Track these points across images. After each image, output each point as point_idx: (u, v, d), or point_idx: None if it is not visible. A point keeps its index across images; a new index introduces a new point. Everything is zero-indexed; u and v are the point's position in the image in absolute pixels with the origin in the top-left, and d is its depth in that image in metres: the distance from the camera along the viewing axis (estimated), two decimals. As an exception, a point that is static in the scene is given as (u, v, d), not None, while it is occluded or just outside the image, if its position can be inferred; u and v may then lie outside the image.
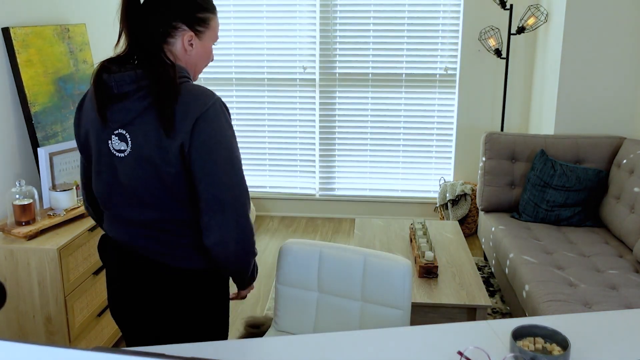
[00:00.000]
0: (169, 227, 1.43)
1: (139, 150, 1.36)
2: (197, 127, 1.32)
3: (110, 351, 0.65)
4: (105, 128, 1.39)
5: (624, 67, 3.58)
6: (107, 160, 1.42)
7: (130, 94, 1.34)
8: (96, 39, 3.32)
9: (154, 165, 1.36)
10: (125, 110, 1.35)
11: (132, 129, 1.36)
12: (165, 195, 1.39)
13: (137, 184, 1.39)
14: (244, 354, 1.36)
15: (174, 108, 1.32)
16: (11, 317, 2.28)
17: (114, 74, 1.34)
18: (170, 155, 1.34)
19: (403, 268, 1.75)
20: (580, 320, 1.54)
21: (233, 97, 4.64)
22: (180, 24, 1.40)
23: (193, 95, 1.35)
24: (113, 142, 1.39)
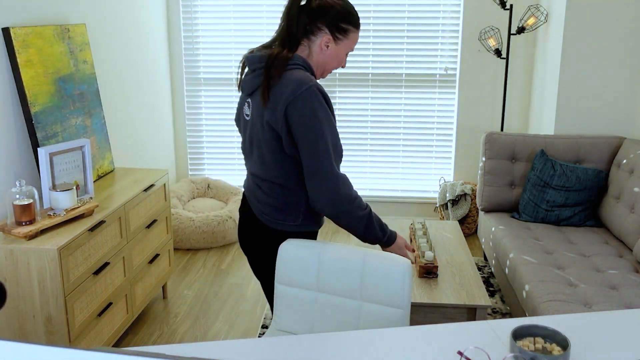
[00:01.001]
0: (262, 184, 1.75)
1: (253, 117, 1.71)
2: (291, 107, 1.61)
3: (110, 351, 0.65)
4: (242, 96, 1.79)
5: (624, 67, 3.58)
6: (243, 122, 1.79)
7: (256, 71, 1.70)
8: (96, 39, 3.32)
9: (257, 130, 1.69)
10: (249, 83, 1.72)
11: (253, 98, 1.72)
12: (262, 156, 1.71)
13: (252, 142, 1.74)
14: (244, 354, 1.36)
15: (273, 86, 1.63)
16: (11, 317, 2.28)
17: (247, 58, 1.74)
18: (264, 124, 1.65)
19: (402, 267, 1.75)
20: (580, 320, 1.54)
21: (233, 97, 4.64)
22: (323, 27, 1.71)
23: (292, 79, 1.62)
24: (245, 108, 1.77)
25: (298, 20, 1.69)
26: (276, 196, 1.74)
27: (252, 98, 1.72)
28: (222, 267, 3.80)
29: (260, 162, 1.73)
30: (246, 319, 3.15)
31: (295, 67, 1.68)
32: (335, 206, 1.69)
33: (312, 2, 1.70)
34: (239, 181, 4.79)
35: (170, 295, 3.42)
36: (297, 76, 1.63)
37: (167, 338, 2.96)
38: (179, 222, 3.99)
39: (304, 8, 1.70)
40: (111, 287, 2.62)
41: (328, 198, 1.68)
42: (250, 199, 1.83)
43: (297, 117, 1.61)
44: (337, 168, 1.68)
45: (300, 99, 1.60)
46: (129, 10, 3.76)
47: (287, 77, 1.63)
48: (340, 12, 1.70)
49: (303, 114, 1.61)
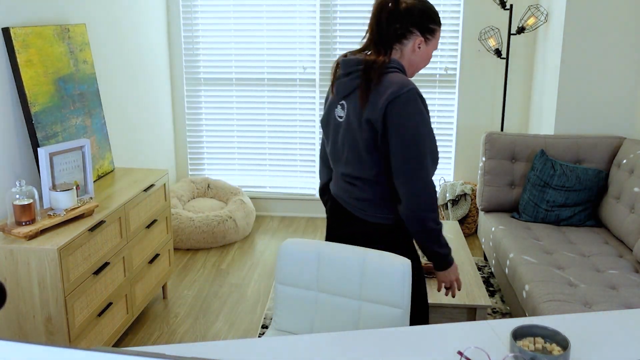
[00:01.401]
0: (357, 182, 1.83)
1: (348, 118, 1.78)
2: (390, 106, 1.67)
3: (110, 351, 0.65)
4: (334, 99, 1.84)
5: (624, 67, 3.59)
6: (334, 124, 1.85)
7: (351, 74, 1.77)
8: (96, 39, 3.32)
9: (354, 129, 1.76)
10: (345, 85, 1.78)
11: (349, 100, 1.78)
12: (358, 155, 1.78)
13: (344, 143, 1.81)
14: (244, 354, 1.36)
15: (372, 89, 1.70)
16: (11, 317, 2.28)
17: (342, 62, 1.80)
18: (363, 122, 1.72)
19: (402, 267, 1.75)
20: (580, 320, 1.54)
21: (233, 97, 4.64)
22: (415, 30, 1.77)
23: (393, 81, 1.69)
24: (337, 110, 1.84)
25: (388, 26, 1.75)
26: (373, 192, 1.81)
27: (347, 100, 1.78)
28: (222, 267, 3.80)
29: (356, 161, 1.79)
30: (246, 319, 3.15)
31: (393, 70, 1.75)
32: (413, 209, 1.74)
33: (400, 6, 1.75)
34: (239, 181, 4.79)
35: (170, 295, 3.42)
36: (398, 79, 1.70)
37: (167, 338, 2.96)
38: (179, 222, 3.99)
39: (393, 13, 1.75)
40: (111, 287, 2.62)
41: (410, 200, 1.73)
42: (345, 198, 1.90)
43: (396, 117, 1.67)
44: (429, 173, 1.73)
45: (401, 100, 1.67)
46: (129, 10, 3.76)
47: (387, 80, 1.70)
48: (427, 13, 1.78)
49: (402, 115, 1.67)
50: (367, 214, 1.85)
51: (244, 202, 4.34)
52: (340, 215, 1.94)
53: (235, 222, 4.14)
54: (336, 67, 1.84)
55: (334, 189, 1.96)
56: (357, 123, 1.75)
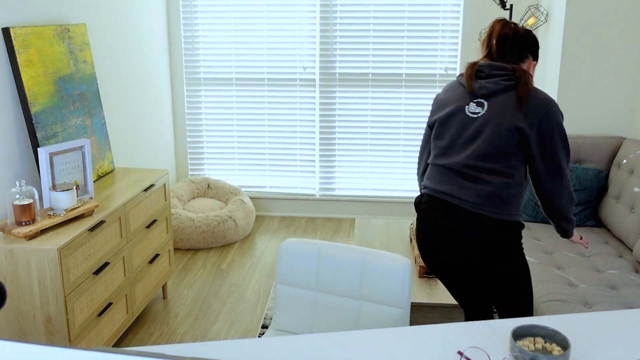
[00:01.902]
0: (489, 177, 1.94)
1: (488, 115, 1.95)
2: (544, 118, 1.91)
3: (110, 351, 0.65)
4: (467, 97, 2.01)
5: (624, 67, 3.59)
6: (461, 119, 2.00)
7: (495, 76, 1.98)
8: (96, 39, 3.32)
9: (492, 127, 1.93)
10: (489, 87, 1.97)
11: (490, 99, 1.96)
12: (496, 150, 1.93)
13: (474, 137, 1.96)
14: (244, 354, 1.36)
15: (526, 97, 1.92)
16: (11, 317, 2.28)
17: (483, 65, 2.01)
18: (511, 126, 1.91)
19: (402, 266, 1.75)
20: (580, 320, 1.54)
21: (233, 97, 4.64)
22: (529, 55, 2.06)
23: (542, 95, 1.95)
24: (470, 107, 2.00)
25: (511, 49, 2.03)
26: (501, 187, 1.94)
27: (488, 100, 1.98)
28: (222, 267, 3.80)
29: (485, 155, 1.95)
30: (246, 319, 3.15)
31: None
32: (568, 202, 2.01)
33: (519, 32, 2.04)
34: (239, 181, 4.79)
35: (170, 295, 3.42)
36: (543, 94, 1.96)
37: (167, 338, 2.96)
38: (179, 222, 3.99)
39: (514, 38, 2.03)
40: (111, 287, 2.62)
41: (567, 195, 1.99)
42: (458, 193, 1.98)
43: (548, 126, 1.92)
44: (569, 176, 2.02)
45: (551, 113, 1.92)
46: (129, 10, 3.76)
47: (536, 92, 1.95)
48: (536, 40, 2.07)
49: (553, 125, 1.93)
50: (488, 209, 1.95)
51: (244, 202, 4.34)
52: (450, 215, 2.00)
53: (235, 222, 4.14)
54: (472, 69, 2.02)
55: (441, 184, 2.03)
56: (502, 123, 1.93)
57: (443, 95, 2.12)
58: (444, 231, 2.01)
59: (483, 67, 2.01)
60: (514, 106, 1.93)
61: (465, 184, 1.97)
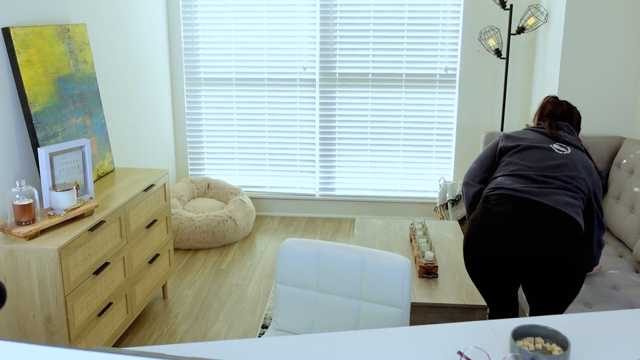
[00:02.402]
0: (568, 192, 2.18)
1: (575, 159, 2.25)
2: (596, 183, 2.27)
3: (110, 351, 0.65)
4: (551, 140, 2.32)
5: (624, 67, 3.59)
6: (546, 150, 2.28)
7: (570, 133, 2.38)
8: (96, 39, 3.32)
9: (579, 166, 2.24)
10: (568, 139, 2.33)
11: (569, 146, 2.31)
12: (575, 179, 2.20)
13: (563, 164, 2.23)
14: (244, 354, 1.36)
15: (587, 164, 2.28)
16: (11, 317, 2.28)
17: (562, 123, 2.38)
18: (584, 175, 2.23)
19: (402, 266, 1.75)
20: (580, 320, 1.54)
21: (233, 97, 4.64)
22: (574, 128, 2.42)
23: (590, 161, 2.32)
24: (554, 146, 2.30)
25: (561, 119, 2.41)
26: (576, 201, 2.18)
27: (570, 147, 2.30)
28: (222, 267, 3.80)
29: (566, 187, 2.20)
30: (246, 319, 3.15)
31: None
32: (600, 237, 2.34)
33: (571, 107, 2.44)
34: (239, 181, 4.79)
35: (170, 295, 3.42)
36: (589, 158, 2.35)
37: (167, 338, 2.96)
38: (179, 222, 3.99)
39: (565, 112, 2.42)
40: (111, 287, 2.62)
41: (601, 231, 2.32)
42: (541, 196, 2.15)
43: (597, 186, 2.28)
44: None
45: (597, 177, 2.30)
46: (129, 10, 3.76)
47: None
48: (580, 116, 2.45)
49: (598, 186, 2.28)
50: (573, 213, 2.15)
51: (244, 202, 4.34)
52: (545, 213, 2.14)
53: (235, 222, 4.14)
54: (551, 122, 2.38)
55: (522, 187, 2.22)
56: (581, 166, 2.24)
57: (516, 134, 2.40)
58: (524, 221, 2.11)
59: (562, 125, 2.36)
60: (584, 164, 2.26)
61: (551, 192, 2.16)
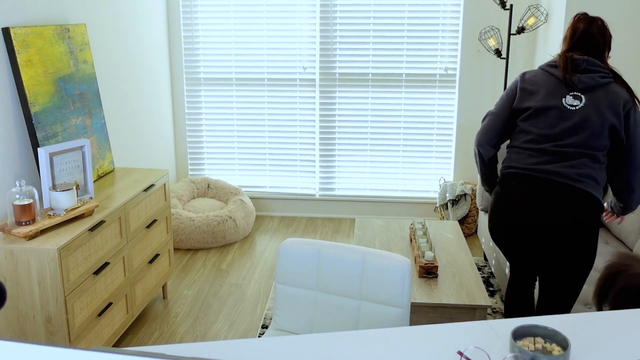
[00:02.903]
0: (587, 162, 2.09)
1: (590, 111, 2.08)
2: (630, 112, 2.09)
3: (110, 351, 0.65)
4: (564, 89, 2.13)
5: (623, 67, 3.59)
6: (559, 110, 2.13)
7: (590, 72, 2.13)
8: (96, 39, 3.32)
9: (594, 119, 2.08)
10: (585, 81, 2.11)
11: (587, 94, 2.11)
12: (595, 144, 2.09)
13: (579, 130, 2.09)
14: (244, 354, 1.36)
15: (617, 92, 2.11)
16: (11, 317, 2.28)
17: (579, 59, 2.14)
18: (609, 124, 2.07)
19: (402, 266, 1.75)
20: (580, 320, 1.54)
21: (233, 97, 4.64)
22: (607, 49, 2.21)
23: (624, 92, 2.12)
24: (567, 99, 2.13)
25: (596, 38, 2.18)
26: (597, 170, 2.10)
27: (586, 94, 2.11)
28: (222, 267, 3.80)
29: (586, 146, 2.09)
30: (246, 319, 3.15)
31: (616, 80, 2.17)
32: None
33: (604, 24, 2.22)
34: (239, 181, 4.79)
35: (170, 295, 3.42)
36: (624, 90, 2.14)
37: (167, 338, 2.96)
38: (179, 222, 3.99)
39: (600, 29, 2.20)
40: (111, 287, 2.62)
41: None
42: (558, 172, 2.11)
43: (633, 121, 2.10)
44: None
45: (634, 109, 2.10)
46: (129, 10, 3.76)
47: (619, 88, 2.13)
48: (610, 32, 2.22)
49: (636, 120, 2.10)
50: (588, 185, 2.09)
51: (244, 202, 4.34)
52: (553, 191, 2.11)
53: (235, 222, 4.14)
54: (567, 61, 2.15)
55: (544, 164, 2.16)
56: (600, 120, 2.08)
57: (531, 82, 2.23)
58: (540, 204, 2.11)
59: (579, 61, 2.13)
60: (608, 104, 2.08)
61: (565, 165, 2.11)
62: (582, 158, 2.10)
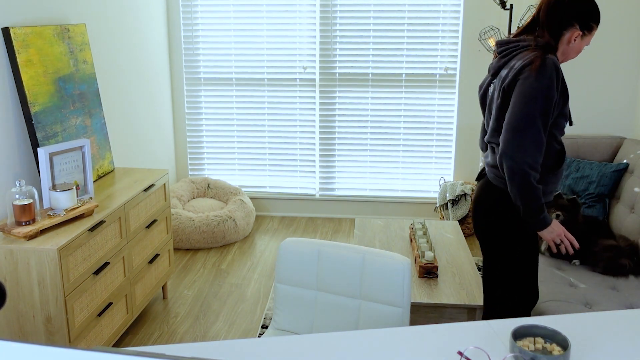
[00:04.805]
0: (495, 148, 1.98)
1: (494, 94, 1.99)
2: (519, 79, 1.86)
3: (110, 351, 0.65)
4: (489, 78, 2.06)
5: (623, 67, 3.59)
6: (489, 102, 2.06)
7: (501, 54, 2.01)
8: (96, 39, 3.32)
9: (494, 103, 1.97)
10: (494, 64, 2.03)
11: (499, 80, 1.97)
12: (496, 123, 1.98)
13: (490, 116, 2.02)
14: (244, 354, 1.36)
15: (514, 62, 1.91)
16: (11, 317, 2.28)
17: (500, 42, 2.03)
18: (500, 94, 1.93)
19: (402, 266, 1.75)
20: (580, 320, 1.54)
21: (233, 97, 4.64)
22: (576, 24, 1.90)
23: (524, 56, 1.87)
24: (490, 89, 2.05)
25: (554, 13, 1.90)
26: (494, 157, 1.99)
27: (495, 78, 2.00)
28: (222, 267, 3.80)
29: (493, 130, 1.99)
30: (246, 319, 3.15)
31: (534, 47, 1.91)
32: (507, 162, 1.86)
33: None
34: (239, 181, 4.79)
35: (170, 295, 3.42)
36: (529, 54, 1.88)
37: (167, 338, 2.96)
38: (179, 222, 3.99)
39: (560, 3, 1.90)
40: (111, 287, 2.62)
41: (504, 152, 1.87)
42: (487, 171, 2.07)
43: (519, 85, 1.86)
44: (541, 130, 1.83)
45: (525, 73, 1.84)
46: (129, 10, 3.76)
47: (523, 55, 1.89)
48: (590, 10, 1.90)
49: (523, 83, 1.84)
50: (492, 177, 2.01)
51: (244, 202, 4.34)
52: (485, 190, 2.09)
53: (235, 222, 4.14)
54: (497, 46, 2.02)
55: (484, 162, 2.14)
56: (497, 94, 1.95)
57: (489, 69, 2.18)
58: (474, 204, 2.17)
59: (500, 44, 2.02)
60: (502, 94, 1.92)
61: (485, 160, 2.09)
62: (491, 144, 2.06)
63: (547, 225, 1.91)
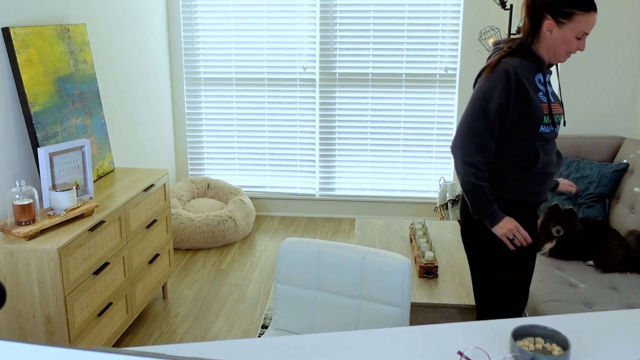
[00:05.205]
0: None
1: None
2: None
3: (110, 351, 0.65)
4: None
5: (623, 67, 3.58)
6: None
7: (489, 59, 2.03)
8: (96, 39, 3.32)
9: None
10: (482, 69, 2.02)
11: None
12: None
13: None
14: (244, 354, 1.36)
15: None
16: (11, 317, 2.28)
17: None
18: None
19: (402, 266, 1.75)
20: (580, 320, 1.54)
21: (233, 97, 4.64)
22: (547, 13, 1.84)
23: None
24: None
25: (528, 10, 1.88)
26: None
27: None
28: (222, 267, 3.80)
29: None
30: (246, 319, 3.15)
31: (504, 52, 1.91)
32: (453, 160, 1.95)
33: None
34: (239, 181, 4.79)
35: (170, 295, 3.42)
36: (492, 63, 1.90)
37: (167, 338, 2.96)
38: (179, 222, 3.99)
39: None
40: (111, 287, 2.62)
41: (451, 150, 1.95)
42: None
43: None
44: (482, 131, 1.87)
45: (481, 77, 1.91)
46: (129, 10, 3.76)
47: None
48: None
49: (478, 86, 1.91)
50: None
51: (244, 202, 4.34)
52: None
53: (235, 222, 4.14)
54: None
55: None
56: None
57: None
58: None
59: (494, 45, 2.02)
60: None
61: None
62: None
63: (496, 221, 1.92)
